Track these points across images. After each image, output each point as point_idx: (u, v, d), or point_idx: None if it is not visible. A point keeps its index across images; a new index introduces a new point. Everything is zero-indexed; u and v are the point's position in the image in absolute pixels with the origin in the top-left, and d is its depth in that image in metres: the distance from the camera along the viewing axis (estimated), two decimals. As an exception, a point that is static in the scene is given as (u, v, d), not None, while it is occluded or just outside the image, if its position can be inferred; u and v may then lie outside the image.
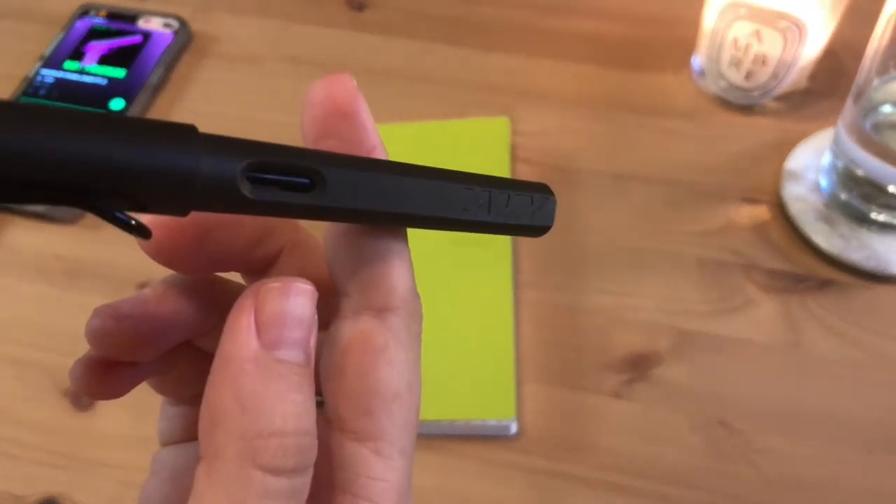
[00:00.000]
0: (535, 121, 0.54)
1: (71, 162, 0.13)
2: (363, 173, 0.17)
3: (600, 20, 0.60)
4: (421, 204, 0.19)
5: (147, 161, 0.14)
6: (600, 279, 0.47)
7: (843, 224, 0.47)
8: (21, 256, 0.50)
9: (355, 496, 0.18)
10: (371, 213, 0.18)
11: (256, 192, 0.16)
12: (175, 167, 0.14)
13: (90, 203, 0.14)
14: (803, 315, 0.45)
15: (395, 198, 0.18)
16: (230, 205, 0.16)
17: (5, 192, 0.13)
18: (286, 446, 0.16)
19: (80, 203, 0.14)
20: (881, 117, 0.47)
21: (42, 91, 0.57)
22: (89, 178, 0.14)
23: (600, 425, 0.42)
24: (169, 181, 0.14)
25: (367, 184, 0.17)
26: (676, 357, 0.44)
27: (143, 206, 0.15)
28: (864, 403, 0.42)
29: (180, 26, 0.60)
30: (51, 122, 0.13)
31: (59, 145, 0.13)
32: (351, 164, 0.18)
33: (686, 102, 0.55)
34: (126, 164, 0.14)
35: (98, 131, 0.14)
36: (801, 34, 0.49)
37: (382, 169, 0.18)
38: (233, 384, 0.16)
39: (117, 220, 0.15)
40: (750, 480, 0.40)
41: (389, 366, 0.19)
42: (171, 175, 0.14)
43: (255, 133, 0.18)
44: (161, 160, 0.14)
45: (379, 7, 0.62)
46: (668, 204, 0.50)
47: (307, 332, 0.18)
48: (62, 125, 0.14)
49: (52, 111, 0.13)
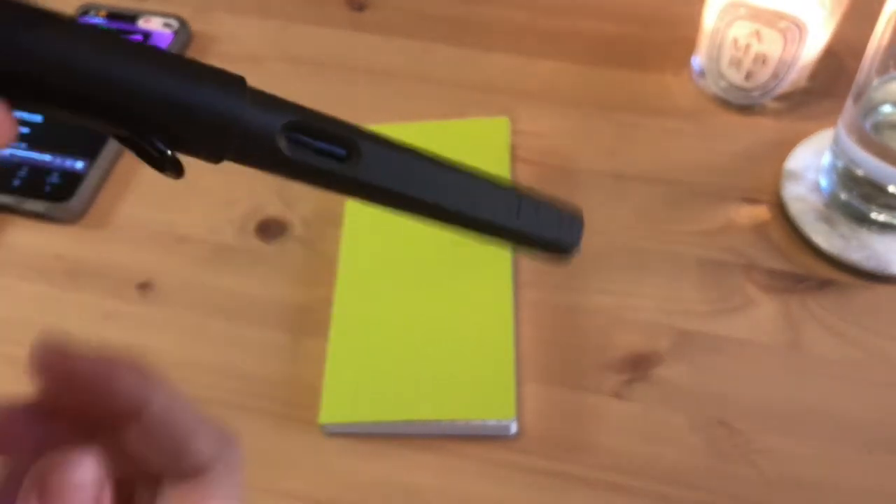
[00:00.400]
0: (535, 121, 0.54)
1: (132, 91, 0.14)
2: (399, 154, 0.17)
3: (600, 20, 0.60)
4: (452, 196, 0.18)
5: (196, 99, 0.15)
6: (600, 279, 0.47)
7: (844, 224, 0.47)
8: (21, 256, 0.50)
9: None
10: (400, 197, 0.18)
11: (293, 151, 0.16)
12: (221, 110, 0.15)
13: (134, 129, 0.15)
14: (803, 315, 0.45)
15: (426, 185, 0.18)
16: (265, 159, 0.16)
17: (68, 105, 0.14)
18: None
19: (125, 127, 0.15)
20: (881, 117, 0.47)
21: (42, 91, 0.57)
22: (143, 106, 0.15)
23: (600, 425, 0.42)
24: (213, 123, 0.15)
25: (401, 165, 0.17)
26: (676, 357, 0.44)
27: (182, 143, 0.15)
28: (864, 403, 0.42)
29: (180, 26, 0.60)
30: (118, 50, 0.14)
31: (124, 75, 0.14)
32: (388, 144, 0.18)
33: (686, 102, 0.55)
34: (176, 97, 0.15)
35: (157, 64, 0.15)
36: (801, 34, 0.49)
37: (419, 155, 0.18)
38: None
39: (156, 149, 0.15)
40: (750, 480, 0.40)
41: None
42: (217, 116, 0.15)
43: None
44: (209, 100, 0.15)
45: (379, 7, 0.62)
46: (668, 204, 0.50)
47: (91, 497, 0.18)
48: (129, 54, 0.14)
49: (123, 42, 0.14)
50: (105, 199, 0.53)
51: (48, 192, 0.51)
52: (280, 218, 0.51)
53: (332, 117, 0.17)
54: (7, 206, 0.52)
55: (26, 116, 0.55)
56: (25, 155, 0.53)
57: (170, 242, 0.50)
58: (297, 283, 0.48)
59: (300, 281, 0.48)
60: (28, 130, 0.55)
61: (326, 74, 0.58)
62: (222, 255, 0.50)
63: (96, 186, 0.53)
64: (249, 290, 0.48)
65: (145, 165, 0.16)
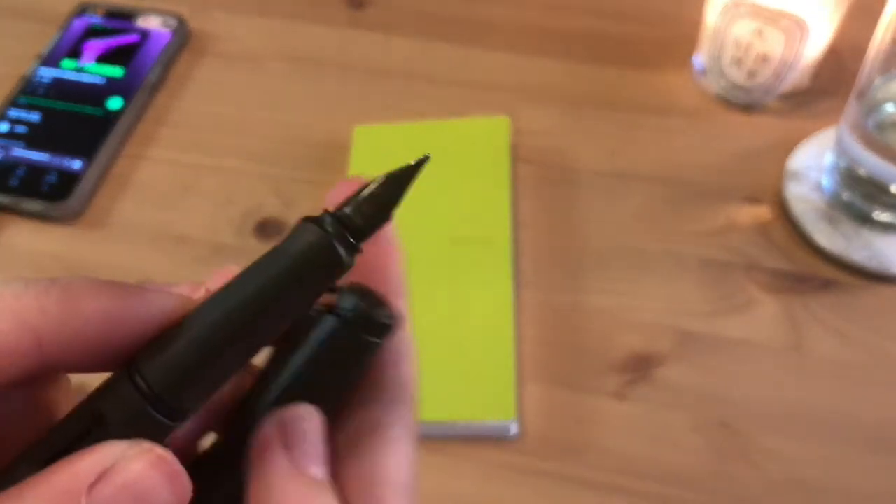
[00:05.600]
0: (535, 120, 0.54)
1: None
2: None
3: (601, 19, 0.60)
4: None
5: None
6: (601, 279, 0.47)
7: (846, 224, 0.47)
8: (20, 256, 0.50)
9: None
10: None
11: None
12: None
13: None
14: (805, 315, 0.45)
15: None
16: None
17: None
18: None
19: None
20: (884, 116, 0.46)
21: (40, 90, 0.56)
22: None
23: (601, 426, 0.42)
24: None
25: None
26: (678, 358, 0.44)
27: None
28: (866, 404, 0.42)
29: (178, 25, 0.60)
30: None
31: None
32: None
33: (687, 102, 0.54)
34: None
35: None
36: (803, 33, 0.48)
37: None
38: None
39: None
40: (752, 481, 0.40)
41: (402, 457, 0.19)
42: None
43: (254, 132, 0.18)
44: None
45: (378, 6, 0.62)
46: (670, 204, 0.50)
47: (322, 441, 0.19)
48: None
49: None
50: (103, 198, 0.52)
51: (46, 191, 0.51)
52: (279, 218, 0.51)
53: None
54: (4, 205, 0.51)
55: (23, 115, 0.55)
56: (23, 154, 0.53)
57: (168, 242, 0.50)
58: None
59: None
60: (25, 130, 0.54)
61: (325, 73, 0.58)
62: (221, 254, 0.49)
63: (94, 186, 0.52)
64: (248, 290, 0.48)
65: (143, 164, 0.16)
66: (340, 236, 0.16)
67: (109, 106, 0.55)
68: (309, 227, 0.16)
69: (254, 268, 0.16)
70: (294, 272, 0.16)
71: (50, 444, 0.16)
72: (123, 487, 0.15)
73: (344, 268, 0.16)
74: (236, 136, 0.55)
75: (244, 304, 0.16)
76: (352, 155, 0.51)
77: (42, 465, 0.15)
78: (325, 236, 0.16)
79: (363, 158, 0.51)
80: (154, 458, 0.15)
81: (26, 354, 0.16)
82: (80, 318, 0.16)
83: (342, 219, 0.16)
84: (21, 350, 0.16)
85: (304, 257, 0.16)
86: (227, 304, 0.16)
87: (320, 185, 0.52)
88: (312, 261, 0.16)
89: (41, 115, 0.55)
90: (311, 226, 0.16)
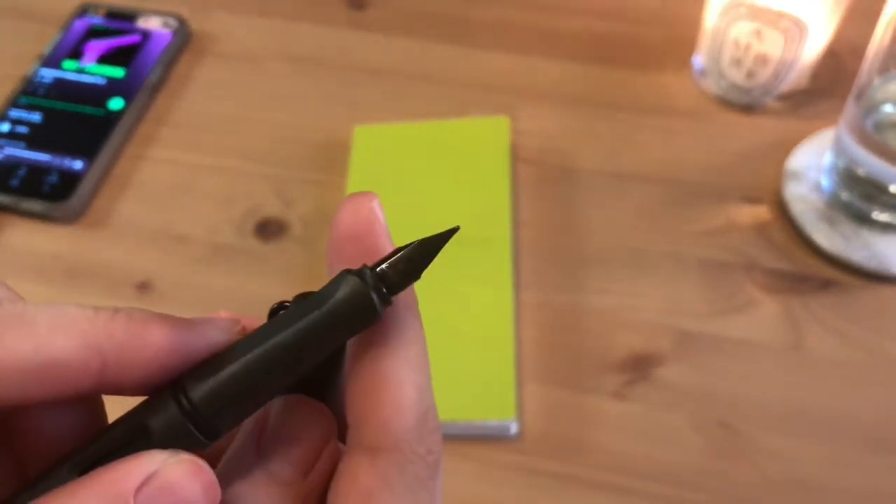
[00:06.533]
0: (535, 120, 0.54)
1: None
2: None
3: (600, 19, 0.60)
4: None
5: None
6: (601, 279, 0.47)
7: (845, 224, 0.47)
8: (20, 256, 0.50)
9: None
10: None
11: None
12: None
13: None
14: (805, 315, 0.45)
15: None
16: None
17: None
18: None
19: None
20: (882, 117, 0.46)
21: (41, 91, 0.56)
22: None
23: (601, 426, 0.42)
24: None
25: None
26: (677, 357, 0.44)
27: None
28: (866, 404, 0.42)
29: (179, 25, 0.60)
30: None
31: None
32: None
33: (687, 102, 0.55)
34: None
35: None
36: (802, 33, 0.48)
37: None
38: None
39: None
40: (751, 481, 0.40)
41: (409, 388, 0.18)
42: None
43: (254, 132, 0.18)
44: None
45: (379, 6, 0.62)
46: (669, 204, 0.50)
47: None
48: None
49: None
50: (104, 198, 0.52)
51: (47, 191, 0.51)
52: (279, 218, 0.51)
53: None
54: (6, 205, 0.51)
55: (24, 116, 0.55)
56: (24, 154, 0.53)
57: (168, 242, 0.50)
58: (295, 283, 0.48)
59: (299, 281, 0.48)
60: (27, 130, 0.54)
61: (326, 73, 0.58)
62: (221, 254, 0.50)
63: (95, 186, 0.53)
64: (248, 290, 0.48)
65: (144, 165, 0.16)
66: (377, 289, 0.18)
67: (110, 106, 0.55)
68: (350, 278, 0.18)
69: (296, 310, 0.18)
70: (333, 316, 0.18)
71: (93, 451, 0.17)
72: (166, 491, 0.16)
73: (377, 318, 0.18)
74: (236, 136, 0.55)
75: (284, 342, 0.18)
76: (352, 155, 0.51)
77: (84, 469, 0.17)
78: (364, 288, 0.18)
79: (363, 158, 0.51)
80: (194, 467, 0.17)
81: (89, 375, 0.17)
82: (144, 346, 0.17)
83: (380, 275, 0.18)
84: (86, 371, 0.17)
85: (343, 305, 0.18)
86: (269, 340, 0.18)
87: (320, 185, 0.52)
88: (351, 308, 0.18)
89: (42, 116, 0.55)
90: (353, 277, 0.18)
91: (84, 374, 0.17)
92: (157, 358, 0.17)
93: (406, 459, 0.18)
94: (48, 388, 0.17)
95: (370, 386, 0.18)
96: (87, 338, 0.17)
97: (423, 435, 0.18)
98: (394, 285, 0.18)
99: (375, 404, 0.18)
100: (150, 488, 0.16)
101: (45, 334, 0.17)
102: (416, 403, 0.18)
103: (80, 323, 0.17)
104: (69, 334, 0.17)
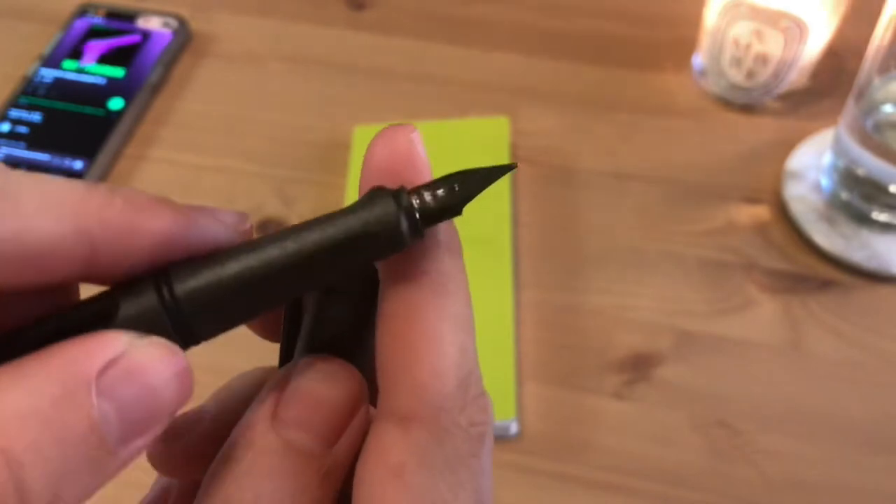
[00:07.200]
0: (535, 121, 0.54)
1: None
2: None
3: (600, 20, 0.60)
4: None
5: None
6: (600, 279, 0.47)
7: (845, 224, 0.47)
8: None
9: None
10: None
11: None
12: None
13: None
14: (804, 315, 0.45)
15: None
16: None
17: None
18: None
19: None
20: (882, 117, 0.46)
21: (41, 91, 0.56)
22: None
23: (600, 426, 0.42)
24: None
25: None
26: (677, 357, 0.44)
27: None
28: (865, 404, 0.42)
29: (179, 25, 0.60)
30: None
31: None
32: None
33: (687, 102, 0.55)
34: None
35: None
36: (802, 33, 0.48)
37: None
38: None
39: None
40: (750, 481, 0.40)
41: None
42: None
43: (254, 132, 0.18)
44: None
45: (379, 6, 0.62)
46: (669, 204, 0.50)
47: None
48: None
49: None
50: (104, 198, 0.52)
51: (47, 191, 0.51)
52: (279, 218, 0.51)
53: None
54: (5, 205, 0.51)
55: (24, 116, 0.55)
56: (24, 155, 0.53)
57: (169, 242, 0.50)
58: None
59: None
60: (27, 130, 0.54)
61: (326, 74, 0.58)
62: (221, 254, 0.50)
63: (95, 186, 0.53)
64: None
65: (144, 165, 0.16)
66: (409, 213, 0.16)
67: (110, 106, 0.55)
68: (381, 194, 0.16)
69: (313, 221, 0.16)
70: (351, 231, 0.15)
71: (52, 327, 0.15)
72: (134, 375, 0.14)
73: (402, 245, 0.16)
74: (236, 136, 0.55)
75: (291, 251, 0.16)
76: (352, 155, 0.51)
77: (41, 344, 0.14)
78: (392, 206, 0.15)
79: (363, 158, 0.51)
80: (165, 351, 0.14)
81: (74, 264, 0.15)
82: (139, 236, 0.15)
83: (419, 198, 0.16)
84: (73, 258, 0.15)
85: (365, 222, 0.15)
86: (273, 248, 0.16)
87: (320, 185, 0.52)
88: (374, 227, 0.15)
89: (42, 116, 0.55)
90: (384, 194, 0.16)
91: (69, 262, 0.14)
92: (151, 249, 0.15)
93: (444, 431, 0.15)
94: (25, 276, 0.14)
95: (404, 343, 0.15)
96: (77, 221, 0.14)
97: (465, 403, 0.15)
98: (429, 215, 0.16)
99: (409, 365, 0.15)
100: (115, 370, 0.14)
101: (29, 214, 0.14)
102: (458, 365, 0.15)
103: (70, 204, 0.14)
104: (57, 217, 0.14)
